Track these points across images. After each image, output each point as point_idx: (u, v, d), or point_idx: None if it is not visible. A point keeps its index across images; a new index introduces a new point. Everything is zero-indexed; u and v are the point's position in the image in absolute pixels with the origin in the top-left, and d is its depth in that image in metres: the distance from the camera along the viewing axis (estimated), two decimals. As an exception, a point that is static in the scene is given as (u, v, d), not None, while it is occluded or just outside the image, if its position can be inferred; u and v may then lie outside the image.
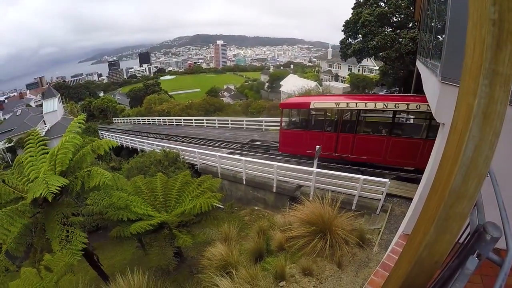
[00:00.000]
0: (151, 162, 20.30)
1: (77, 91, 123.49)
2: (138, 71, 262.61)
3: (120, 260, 15.95)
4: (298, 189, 14.51)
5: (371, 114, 16.56)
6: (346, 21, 33.07)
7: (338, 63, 73.19)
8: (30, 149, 9.96)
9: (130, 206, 10.73)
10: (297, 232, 9.00)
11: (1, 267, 7.91)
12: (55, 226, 8.01)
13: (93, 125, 51.24)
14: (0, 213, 7.47)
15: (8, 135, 52.93)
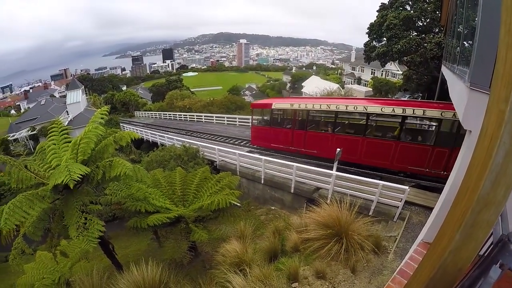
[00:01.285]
0: (170, 156, 20.46)
1: (100, 84, 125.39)
2: (161, 67, 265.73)
3: (135, 251, 16.17)
4: (316, 191, 14.39)
5: (318, 114, 18.68)
6: (370, 24, 32.58)
7: (361, 66, 72.06)
8: (53, 138, 10.19)
9: (148, 198, 10.85)
10: (313, 234, 8.95)
11: (18, 250, 8.12)
12: (74, 213, 8.17)
13: (115, 118, 52.11)
14: (21, 196, 7.65)
15: (32, 123, 54.19)
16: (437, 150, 13.59)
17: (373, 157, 15.78)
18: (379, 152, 15.40)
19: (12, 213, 7.13)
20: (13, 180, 8.87)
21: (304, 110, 18.27)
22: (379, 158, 15.59)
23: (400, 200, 11.33)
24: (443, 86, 19.51)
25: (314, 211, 9.63)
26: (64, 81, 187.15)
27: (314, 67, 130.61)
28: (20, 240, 8.20)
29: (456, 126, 12.82)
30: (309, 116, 18.33)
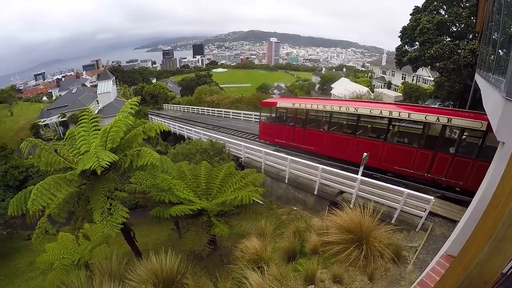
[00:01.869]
0: (197, 150, 20.64)
1: (131, 75, 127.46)
2: (191, 62, 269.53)
3: (154, 239, 16.41)
4: (340, 195, 14.24)
5: (316, 114, 19.82)
6: (403, 27, 31.88)
7: (392, 70, 70.24)
8: (83, 125, 10.41)
9: (173, 189, 10.95)
10: (334, 238, 8.87)
11: (42, 229, 8.33)
12: (100, 198, 8.30)
13: (144, 109, 52.94)
14: (49, 179, 7.83)
15: (62, 110, 55.59)
16: (421, 152, 14.63)
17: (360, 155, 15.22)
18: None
19: (40, 195, 7.29)
20: (42, 163, 9.10)
21: (303, 109, 19.82)
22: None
23: (424, 210, 11.05)
24: (476, 95, 19.04)
25: (336, 214, 9.54)
26: (96, 72, 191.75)
27: (344, 69, 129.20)
28: (45, 220, 8.41)
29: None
30: (308, 115, 19.78)
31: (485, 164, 11.36)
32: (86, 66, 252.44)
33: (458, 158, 13.55)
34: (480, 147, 12.98)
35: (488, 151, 12.87)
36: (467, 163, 13.22)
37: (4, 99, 71.49)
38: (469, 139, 14.28)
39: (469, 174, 13.18)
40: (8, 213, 8.30)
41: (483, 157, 12.65)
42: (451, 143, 14.34)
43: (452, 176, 13.83)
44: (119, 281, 7.35)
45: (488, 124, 11.90)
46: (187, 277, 7.83)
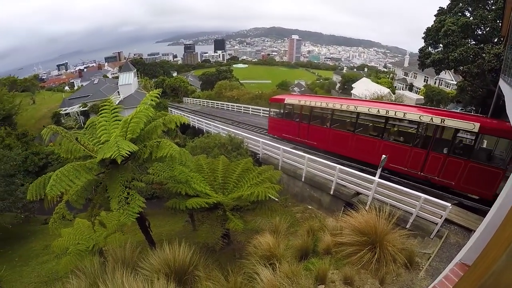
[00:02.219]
0: (215, 144, 20.77)
1: (152, 68, 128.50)
2: (212, 57, 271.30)
3: (168, 230, 16.58)
4: (356, 196, 14.14)
5: (319, 111, 20.59)
6: (427, 28, 31.22)
7: (414, 72, 68.93)
8: (104, 115, 10.52)
9: (190, 182, 11.03)
10: (347, 239, 8.81)
11: (59, 214, 8.50)
12: (118, 187, 8.42)
13: (164, 102, 53.37)
14: (69, 166, 7.94)
15: (84, 100, 56.55)
16: (415, 151, 15.29)
17: (360, 152, 17.79)
18: (365, 148, 17.42)
19: (59, 181, 7.41)
20: (62, 150, 9.24)
21: (308, 106, 20.81)
22: (365, 153, 17.52)
23: (440, 217, 10.88)
24: (499, 101, 18.67)
25: (351, 215, 9.48)
26: (117, 63, 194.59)
27: (365, 69, 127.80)
28: (63, 206, 8.56)
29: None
30: (313, 112, 20.81)
31: (477, 166, 13.07)
32: (108, 58, 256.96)
33: (451, 159, 13.93)
34: (472, 149, 13.68)
35: (480, 153, 14.25)
36: (459, 164, 13.61)
37: (27, 87, 72.97)
38: (462, 140, 14.84)
39: (460, 175, 13.58)
40: (27, 197, 8.43)
41: (475, 158, 13.32)
42: (444, 143, 14.47)
43: (444, 176, 14.23)
44: (132, 269, 7.43)
45: (481, 126, 12.82)
46: (199, 269, 7.88)
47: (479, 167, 13.08)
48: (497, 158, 13.83)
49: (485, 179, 12.85)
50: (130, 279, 6.50)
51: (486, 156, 14.00)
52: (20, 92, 65.53)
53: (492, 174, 12.64)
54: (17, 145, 36.33)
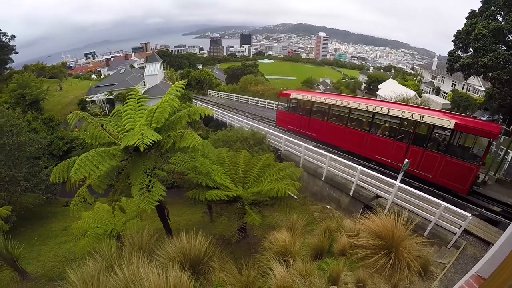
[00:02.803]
0: (237, 138, 20.95)
1: (178, 60, 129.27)
2: (238, 51, 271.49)
3: (186, 220, 16.73)
4: (375, 199, 13.94)
5: (319, 105, 22.76)
6: (457, 31, 30.38)
7: (442, 76, 67.66)
8: (130, 103, 10.68)
9: (211, 174, 11.14)
10: (363, 242, 8.73)
11: (81, 197, 8.68)
12: (140, 174, 8.54)
13: (189, 94, 53.87)
14: (93, 151, 8.11)
15: (110, 88, 57.36)
16: (397, 144, 16.85)
17: (350, 144, 19.78)
18: (355, 140, 19.35)
19: (83, 165, 7.59)
20: (88, 136, 9.44)
21: (310, 101, 23.11)
22: (355, 145, 19.36)
23: (459, 227, 10.58)
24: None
25: (369, 218, 9.38)
26: (144, 54, 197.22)
27: (392, 70, 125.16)
28: (85, 190, 8.73)
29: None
30: (313, 107, 23.02)
31: (452, 161, 14.32)
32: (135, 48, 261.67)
33: (428, 153, 15.26)
34: (448, 144, 14.86)
35: (456, 149, 15.33)
36: (436, 158, 14.93)
37: (55, 74, 74.23)
38: (439, 136, 16.17)
39: (437, 168, 14.85)
40: (50, 179, 8.61)
41: (451, 154, 14.55)
42: (423, 138, 15.82)
43: (422, 168, 15.53)
44: (148, 255, 7.53)
45: (456, 123, 14.04)
46: (213, 260, 7.93)
47: (454, 162, 14.32)
48: (472, 154, 15.00)
49: (460, 174, 14.09)
50: (145, 264, 6.60)
51: (461, 152, 15.14)
52: (48, 79, 66.80)
53: (466, 170, 13.86)
54: (43, 129, 37.41)
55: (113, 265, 6.92)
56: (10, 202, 18.81)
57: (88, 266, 7.30)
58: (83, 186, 8.81)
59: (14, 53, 75.61)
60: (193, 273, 7.10)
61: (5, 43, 72.29)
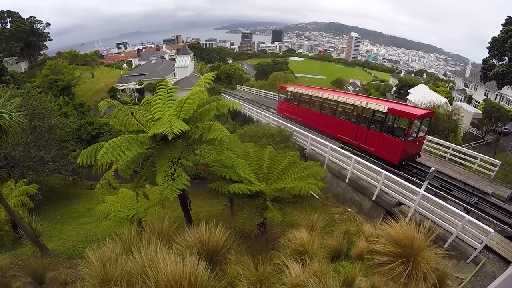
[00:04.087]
0: (264, 134, 21.13)
1: (208, 54, 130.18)
2: (268, 47, 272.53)
3: (207, 212, 16.89)
4: (397, 206, 13.67)
5: (305, 97, 27.37)
6: (493, 38, 29.41)
7: (475, 84, 64.77)
8: (160, 94, 10.90)
9: (235, 167, 11.20)
10: (382, 248, 8.60)
11: (106, 181, 8.95)
12: (166, 162, 8.71)
13: (218, 87, 54.25)
14: (122, 137, 8.33)
15: (140, 78, 58.53)
16: (351, 125, 21.10)
17: (324, 127, 24.14)
18: (327, 123, 23.78)
19: (111, 150, 7.82)
20: (117, 122, 9.76)
21: (298, 93, 28.31)
22: (327, 128, 23.74)
23: (481, 242, 10.29)
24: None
25: (390, 224, 9.25)
26: (175, 46, 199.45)
27: (424, 75, 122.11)
28: (111, 174, 9.02)
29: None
30: (301, 98, 27.90)
31: (386, 137, 18.13)
32: (167, 40, 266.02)
33: (371, 131, 19.19)
34: (382, 124, 18.61)
35: (389, 128, 19.00)
36: (376, 135, 18.87)
37: (87, 62, 76.06)
38: (377, 118, 19.14)
39: (377, 143, 18.78)
40: (78, 161, 8.88)
41: (385, 131, 18.44)
42: (368, 120, 19.57)
43: (368, 143, 19.53)
44: (167, 242, 7.65)
45: (388, 108, 17.97)
46: (230, 253, 7.96)
47: (388, 138, 18.11)
48: (400, 131, 18.52)
49: (392, 147, 17.77)
50: (163, 250, 6.71)
51: (393, 130, 18.94)
52: (80, 66, 68.55)
53: (396, 144, 17.48)
54: (73, 114, 38.60)
55: (132, 248, 7.05)
56: (37, 181, 19.35)
57: (108, 248, 7.46)
58: (109, 170, 9.06)
59: (48, 40, 78.08)
60: (210, 263, 7.14)
61: (40, 30, 74.58)
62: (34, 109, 23.38)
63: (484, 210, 13.75)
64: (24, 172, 20.82)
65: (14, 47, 67.00)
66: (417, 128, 17.87)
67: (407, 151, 17.60)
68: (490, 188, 15.72)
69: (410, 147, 17.70)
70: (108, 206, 12.61)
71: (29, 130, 21.91)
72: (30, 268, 9.03)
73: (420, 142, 18.63)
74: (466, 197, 14.91)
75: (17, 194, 14.44)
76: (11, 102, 8.52)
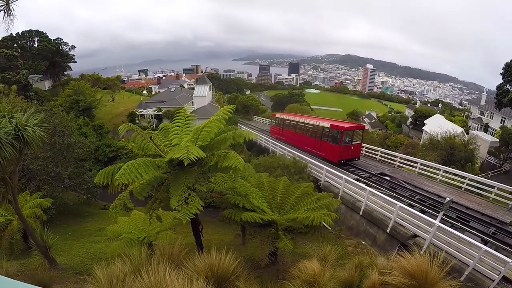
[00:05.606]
0: (278, 164, 21.45)
1: (226, 84, 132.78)
2: (285, 79, 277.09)
3: (218, 239, 16.81)
4: (412, 238, 13.54)
5: (288, 121, 35.98)
6: (506, 64, 29.11)
7: (491, 111, 64.10)
8: (178, 121, 11.29)
9: (249, 196, 11.22)
10: (395, 280, 8.41)
11: (121, 201, 9.18)
12: (181, 186, 8.90)
13: (235, 118, 55.01)
14: (140, 160, 8.59)
15: (159, 105, 59.47)
16: (312, 139, 29.54)
17: (299, 143, 32.00)
18: (301, 140, 31.97)
19: (129, 171, 8.09)
20: (136, 146, 10.06)
21: (282, 118, 38.03)
22: (301, 143, 31.54)
23: (499, 274, 10.03)
24: None
25: (404, 256, 9.10)
26: (195, 76, 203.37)
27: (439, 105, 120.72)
28: (126, 194, 9.23)
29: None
30: (284, 122, 37.03)
31: (330, 144, 26.37)
32: (186, 69, 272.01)
33: (322, 141, 27.73)
34: (328, 136, 27.07)
35: (332, 138, 26.69)
36: (325, 143, 27.31)
37: (109, 86, 77.83)
38: (324, 132, 27.70)
39: (326, 149, 27.10)
40: (95, 181, 9.22)
41: (329, 140, 26.83)
42: (321, 134, 28.08)
43: (321, 150, 27.69)
44: (176, 265, 7.66)
45: (331, 124, 26.56)
46: (240, 280, 7.88)
47: (330, 145, 26.57)
48: (337, 140, 25.83)
49: (333, 151, 26.12)
50: (172, 273, 6.73)
51: (333, 139, 26.56)
52: (102, 89, 70.06)
53: (334, 148, 26.01)
54: (92, 135, 39.22)
55: (140, 269, 7.07)
56: (51, 196, 19.39)
57: (116, 267, 7.48)
58: (125, 191, 9.25)
59: (73, 62, 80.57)
60: (217, 289, 7.14)
61: (66, 52, 77.15)
62: (56, 126, 23.92)
63: (502, 240, 13.48)
64: (39, 186, 21.09)
65: (40, 65, 68.49)
66: (349, 137, 26.33)
67: (344, 154, 25.64)
68: (508, 217, 15.54)
69: (346, 151, 25.74)
70: (120, 227, 12.70)
71: (49, 146, 22.34)
72: (37, 278, 9.12)
73: (356, 148, 26.56)
74: (484, 228, 14.68)
75: (31, 206, 14.65)
76: (34, 117, 8.85)
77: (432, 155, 30.07)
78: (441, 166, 22.49)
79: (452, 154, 30.27)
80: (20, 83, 48.71)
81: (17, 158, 8.32)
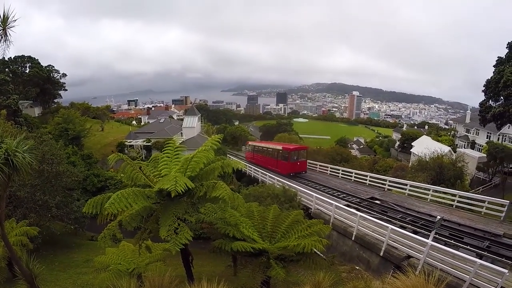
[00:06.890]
0: (268, 194, 21.28)
1: (215, 115, 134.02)
2: (274, 109, 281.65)
3: (209, 271, 16.48)
4: (406, 259, 13.54)
5: (257, 148, 45.72)
6: (487, 80, 29.75)
7: (477, 128, 65.85)
8: (167, 151, 11.47)
9: (239, 225, 11.24)
10: (389, 302, 8.39)
11: (110, 231, 9.07)
12: (170, 216, 8.88)
13: (224, 148, 55.06)
14: (129, 190, 8.64)
15: (148, 136, 59.55)
16: (272, 160, 38.65)
17: (265, 164, 39.85)
18: (266, 161, 40.34)
19: (119, 200, 8.15)
20: (125, 176, 10.12)
21: (253, 145, 47.88)
22: (267, 164, 39.53)
23: (496, 286, 10.03)
24: None
25: (399, 278, 9.03)
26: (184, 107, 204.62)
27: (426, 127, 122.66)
28: (115, 224, 9.14)
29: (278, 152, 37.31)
30: (254, 147, 46.52)
31: (282, 162, 35.90)
32: (176, 100, 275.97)
33: (278, 160, 36.67)
34: (281, 155, 36.26)
35: (282, 158, 35.73)
36: (278, 162, 36.57)
37: (98, 115, 77.64)
38: (279, 153, 36.88)
39: (280, 166, 35.78)
40: (83, 210, 9.30)
41: (281, 159, 35.99)
42: (277, 155, 37.01)
43: (277, 167, 36.12)
44: (166, 298, 7.52)
45: (283, 147, 37.13)
46: (233, 312, 7.78)
47: (283, 162, 35.38)
48: (288, 158, 34.33)
49: (285, 166, 34.77)
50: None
51: (284, 158, 34.91)
52: (91, 118, 69.88)
53: (285, 164, 34.68)
54: (80, 164, 38.75)
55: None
56: (38, 225, 19.03)
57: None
58: (114, 221, 9.15)
59: (63, 90, 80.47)
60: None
61: (56, 79, 77.20)
62: (44, 153, 23.51)
63: (497, 252, 13.59)
64: (26, 214, 20.49)
65: (30, 92, 68.01)
66: (296, 155, 35.20)
67: (292, 168, 34.32)
68: (501, 230, 15.81)
69: (294, 166, 34.53)
70: (109, 258, 12.44)
71: (37, 173, 21.96)
72: (22, 308, 8.86)
73: (302, 164, 35.41)
74: (478, 242, 14.80)
75: (17, 234, 14.41)
76: (25, 143, 8.80)
77: (421, 176, 30.20)
78: (430, 186, 22.88)
79: (441, 173, 30.51)
80: (10, 107, 48.13)
81: (5, 184, 8.15)
